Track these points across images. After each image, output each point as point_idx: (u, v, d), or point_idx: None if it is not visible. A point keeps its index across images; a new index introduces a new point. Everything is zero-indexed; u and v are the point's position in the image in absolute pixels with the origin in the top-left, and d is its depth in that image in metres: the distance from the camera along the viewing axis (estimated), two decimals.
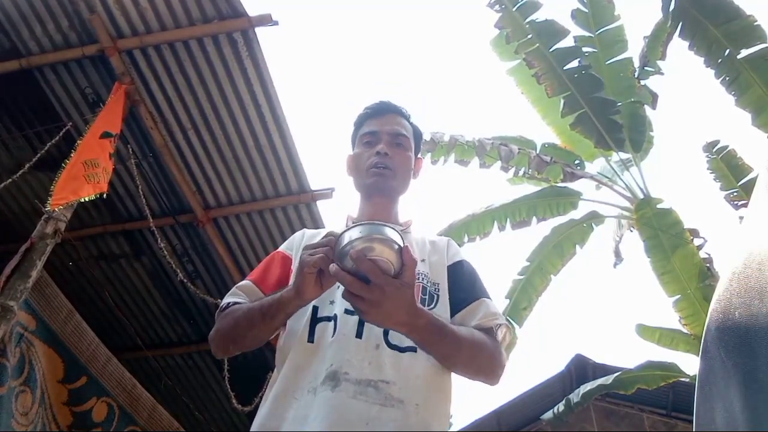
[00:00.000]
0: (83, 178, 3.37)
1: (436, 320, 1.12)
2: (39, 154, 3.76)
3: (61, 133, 3.87)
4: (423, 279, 1.26)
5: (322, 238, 1.07)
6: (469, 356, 1.17)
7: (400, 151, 1.42)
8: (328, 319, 1.20)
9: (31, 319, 3.13)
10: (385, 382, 1.10)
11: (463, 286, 1.30)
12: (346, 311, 1.19)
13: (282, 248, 1.43)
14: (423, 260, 1.32)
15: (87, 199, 3.40)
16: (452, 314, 1.26)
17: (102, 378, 3.52)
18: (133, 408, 3.70)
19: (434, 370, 1.18)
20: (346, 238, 0.98)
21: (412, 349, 1.16)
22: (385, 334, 1.17)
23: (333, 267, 0.99)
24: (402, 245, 0.99)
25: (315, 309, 1.22)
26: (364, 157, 1.42)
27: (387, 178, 1.38)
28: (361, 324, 1.17)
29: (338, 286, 1.22)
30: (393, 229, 1.00)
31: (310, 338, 1.19)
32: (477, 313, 1.25)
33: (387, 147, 1.40)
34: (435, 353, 1.15)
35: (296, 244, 1.41)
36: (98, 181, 3.43)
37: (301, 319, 1.22)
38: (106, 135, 3.59)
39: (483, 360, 1.19)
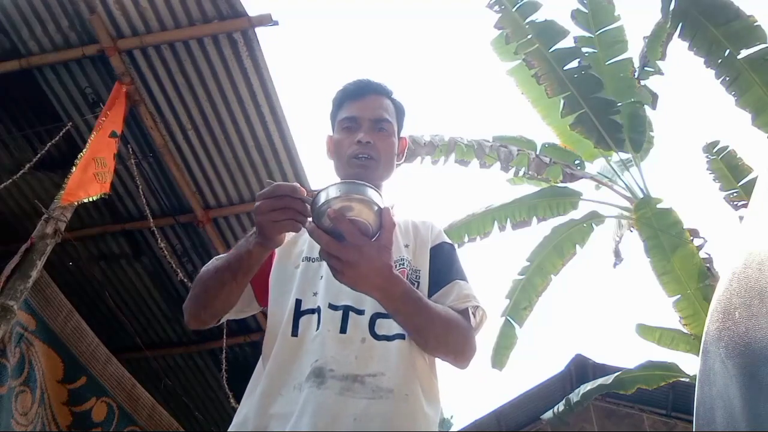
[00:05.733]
0: (93, 176, 3.39)
1: (413, 291, 1.11)
2: (39, 154, 3.76)
3: (61, 133, 3.87)
4: (406, 265, 1.25)
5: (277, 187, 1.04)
6: (442, 332, 1.14)
7: (383, 136, 1.34)
8: (311, 311, 1.17)
9: (31, 319, 3.13)
10: (371, 375, 1.08)
11: (440, 268, 1.28)
12: (330, 305, 1.16)
13: None
14: (407, 245, 1.29)
15: (90, 200, 3.42)
16: (428, 297, 1.24)
17: (102, 378, 3.51)
18: (133, 408, 3.70)
19: (424, 358, 1.17)
20: (324, 197, 0.96)
21: (401, 336, 1.14)
22: (371, 326, 1.14)
23: (309, 226, 0.97)
24: (381, 206, 0.98)
25: (298, 302, 1.19)
26: (344, 144, 1.34)
27: (370, 170, 1.32)
28: (345, 318, 1.14)
29: (320, 276, 1.21)
30: (373, 189, 0.98)
31: (294, 332, 1.16)
32: (450, 295, 1.22)
33: (369, 134, 1.32)
34: (407, 325, 1.13)
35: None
36: (104, 181, 3.46)
37: (283, 312, 1.20)
38: (113, 134, 3.62)
39: (455, 338, 1.17)
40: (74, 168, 3.40)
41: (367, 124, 1.34)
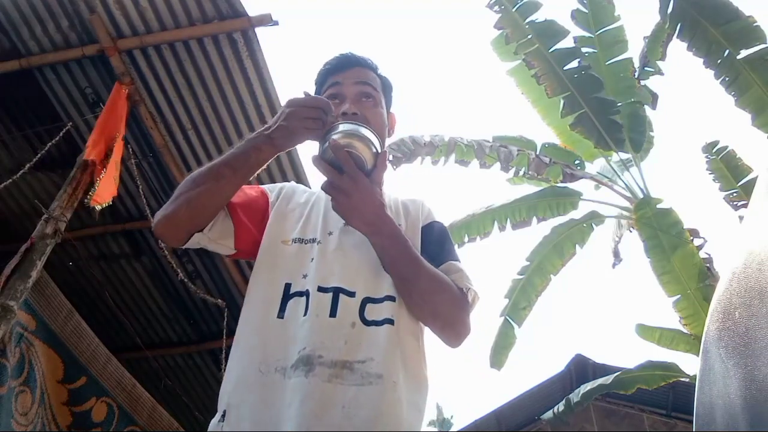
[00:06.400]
0: (112, 179, 3.48)
1: (402, 235, 1.14)
2: (39, 154, 3.76)
3: (61, 133, 3.87)
4: None
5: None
6: (429, 289, 1.13)
7: (369, 105, 1.27)
8: (300, 294, 1.13)
9: (31, 319, 3.13)
10: (360, 362, 1.05)
11: (432, 248, 1.25)
12: (319, 288, 1.12)
13: (265, 186, 1.35)
14: (399, 225, 1.25)
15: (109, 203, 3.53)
16: None
17: (102, 378, 3.51)
18: (133, 408, 3.70)
19: (413, 344, 1.14)
20: (329, 132, 1.09)
21: (390, 321, 1.11)
22: (361, 311, 1.11)
23: (314, 157, 1.10)
24: (379, 150, 1.10)
25: (288, 285, 1.15)
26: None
27: None
28: (335, 301, 1.10)
29: (311, 258, 1.18)
30: (373, 133, 1.11)
31: (280, 314, 1.12)
32: (447, 275, 1.19)
33: (354, 104, 1.24)
34: (394, 271, 1.12)
35: (278, 192, 1.34)
36: (117, 184, 3.56)
37: (268, 293, 1.16)
38: (123, 138, 3.73)
39: (444, 301, 1.14)
40: (74, 168, 3.44)
41: (352, 92, 1.27)
